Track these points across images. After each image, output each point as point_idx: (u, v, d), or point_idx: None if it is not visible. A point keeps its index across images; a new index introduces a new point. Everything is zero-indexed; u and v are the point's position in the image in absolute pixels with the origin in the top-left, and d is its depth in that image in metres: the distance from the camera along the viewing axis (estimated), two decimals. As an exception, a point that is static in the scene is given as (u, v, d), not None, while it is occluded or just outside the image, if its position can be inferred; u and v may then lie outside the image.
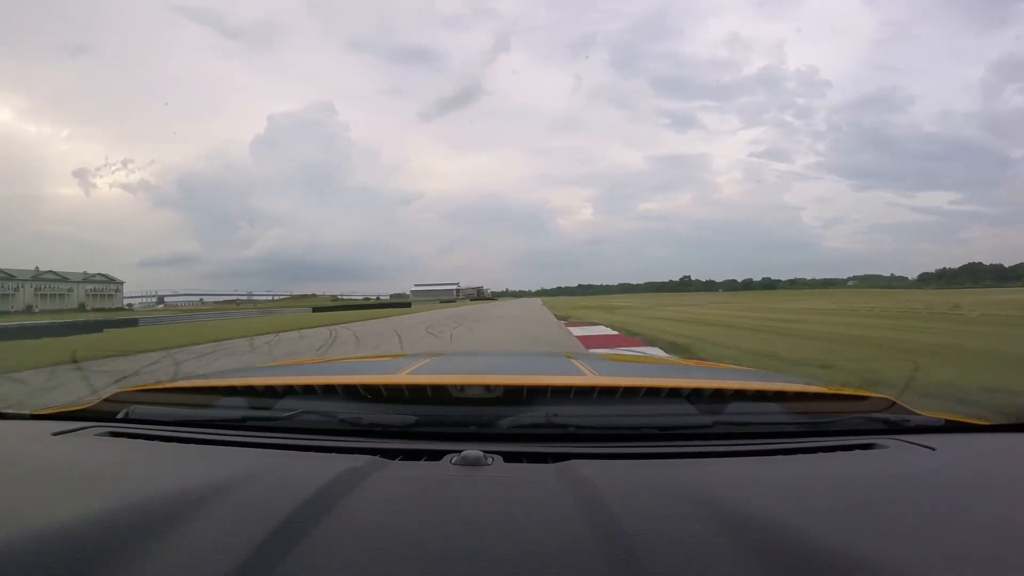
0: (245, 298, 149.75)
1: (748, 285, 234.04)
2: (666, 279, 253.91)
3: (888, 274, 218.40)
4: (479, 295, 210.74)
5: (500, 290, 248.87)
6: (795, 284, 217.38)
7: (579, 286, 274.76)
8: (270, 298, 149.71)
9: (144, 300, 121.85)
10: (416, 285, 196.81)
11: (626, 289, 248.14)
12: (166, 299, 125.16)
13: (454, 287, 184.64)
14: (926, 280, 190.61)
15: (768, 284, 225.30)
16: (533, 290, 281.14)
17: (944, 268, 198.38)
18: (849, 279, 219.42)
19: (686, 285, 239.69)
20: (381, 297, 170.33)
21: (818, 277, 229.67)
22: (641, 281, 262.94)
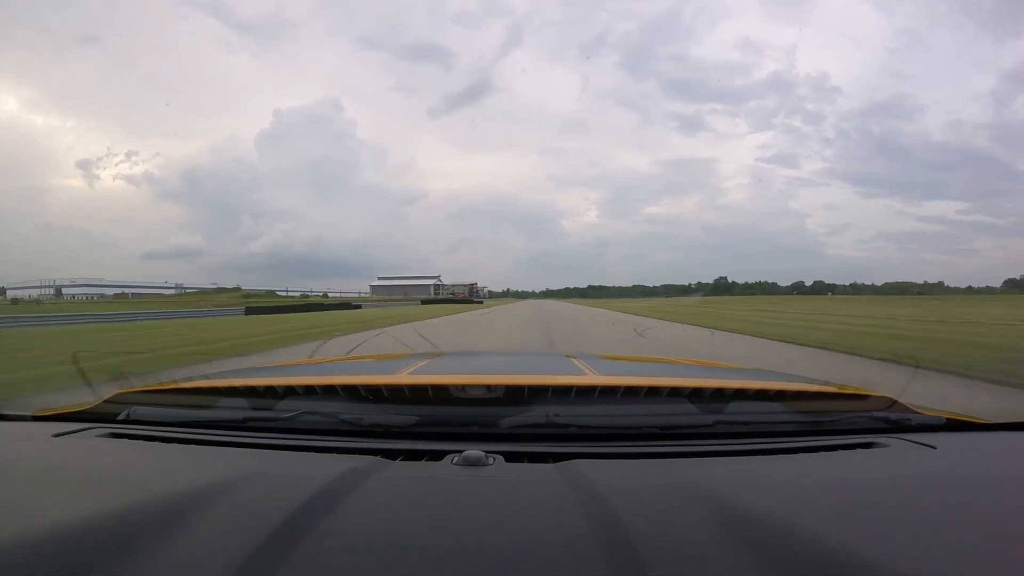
0: (173, 291, 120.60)
1: (799, 288, 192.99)
2: (684, 282, 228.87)
3: (922, 281, 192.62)
4: (471, 294, 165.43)
5: (500, 290, 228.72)
6: (858, 290, 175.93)
7: (589, 287, 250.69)
8: (193, 290, 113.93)
9: (42, 291, 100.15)
10: (380, 278, 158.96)
11: (644, 292, 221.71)
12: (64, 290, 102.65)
13: (431, 282, 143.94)
14: (1016, 286, 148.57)
15: (820, 289, 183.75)
16: (537, 291, 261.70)
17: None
18: (883, 285, 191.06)
19: (724, 289, 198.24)
20: (361, 294, 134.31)
21: (829, 282, 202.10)
22: (657, 283, 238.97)
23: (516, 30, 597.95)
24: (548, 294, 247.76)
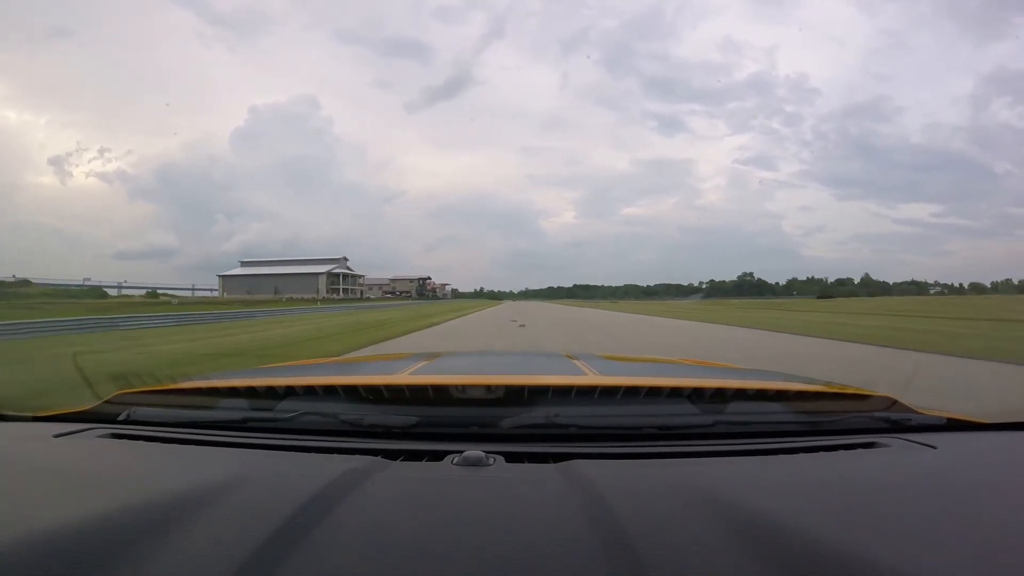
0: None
1: (846, 285, 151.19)
2: (677, 280, 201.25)
3: (930, 280, 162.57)
4: (420, 294, 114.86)
5: (471, 290, 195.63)
6: (922, 289, 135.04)
7: (576, 286, 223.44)
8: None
9: None
10: (244, 263, 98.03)
11: (642, 292, 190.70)
12: None
13: (323, 270, 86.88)
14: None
15: (873, 286, 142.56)
16: (516, 291, 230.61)
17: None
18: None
19: (750, 289, 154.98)
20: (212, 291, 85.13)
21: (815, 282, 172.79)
22: (652, 282, 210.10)
23: (495, 26, 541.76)
24: (528, 294, 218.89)
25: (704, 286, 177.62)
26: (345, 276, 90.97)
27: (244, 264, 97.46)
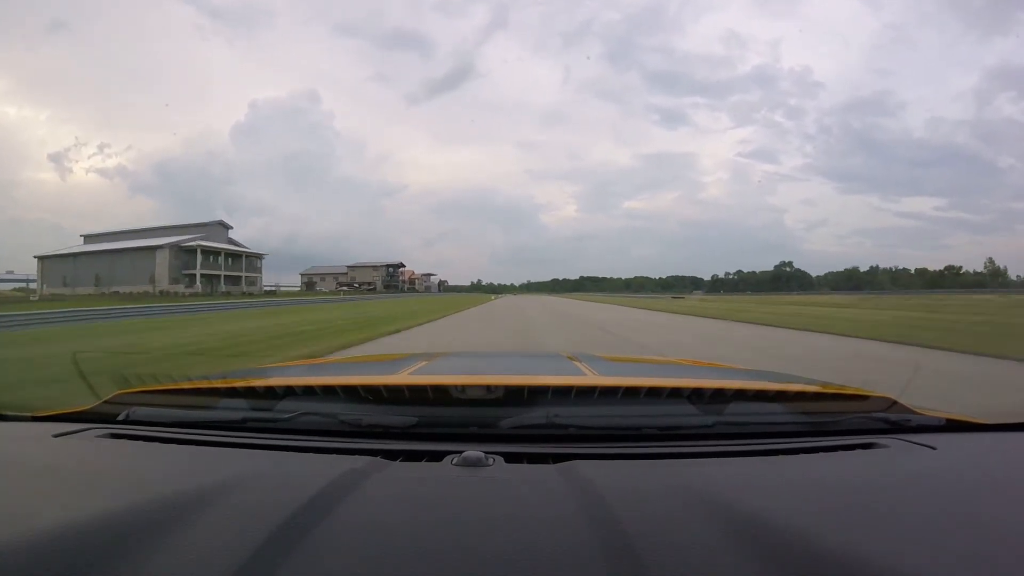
0: None
1: (900, 279, 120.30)
2: (690, 272, 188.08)
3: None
4: (391, 285, 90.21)
5: (467, 283, 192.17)
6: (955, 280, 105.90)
7: (582, 278, 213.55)
8: None
9: None
10: (87, 237, 60.84)
11: (659, 286, 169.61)
12: None
13: (165, 242, 48.76)
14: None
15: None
16: (518, 284, 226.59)
17: None
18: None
19: (789, 279, 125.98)
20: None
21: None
22: (664, 274, 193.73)
23: (496, 18, 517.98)
24: (531, 287, 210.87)
25: (732, 277, 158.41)
26: (216, 254, 53.85)
27: (88, 240, 60.68)
